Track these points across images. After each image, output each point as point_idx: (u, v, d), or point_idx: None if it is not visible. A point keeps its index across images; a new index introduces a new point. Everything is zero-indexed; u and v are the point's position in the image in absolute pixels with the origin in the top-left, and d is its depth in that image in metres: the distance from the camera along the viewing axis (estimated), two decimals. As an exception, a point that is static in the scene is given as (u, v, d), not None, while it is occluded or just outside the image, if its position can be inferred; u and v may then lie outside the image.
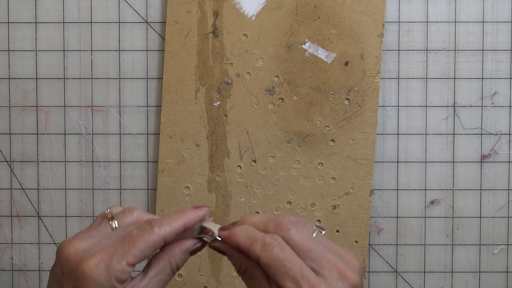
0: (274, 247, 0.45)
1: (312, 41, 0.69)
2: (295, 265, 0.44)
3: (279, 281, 0.44)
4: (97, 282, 0.43)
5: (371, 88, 0.69)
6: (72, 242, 0.45)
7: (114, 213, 0.48)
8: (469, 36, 0.71)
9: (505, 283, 0.72)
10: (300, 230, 0.46)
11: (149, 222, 0.46)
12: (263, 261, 0.45)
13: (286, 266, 0.44)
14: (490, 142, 0.72)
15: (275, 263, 0.44)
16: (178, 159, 0.70)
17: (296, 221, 0.47)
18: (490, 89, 0.71)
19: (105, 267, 0.43)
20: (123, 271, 0.44)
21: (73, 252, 0.44)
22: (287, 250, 0.45)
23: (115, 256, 0.44)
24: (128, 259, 0.44)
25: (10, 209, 0.73)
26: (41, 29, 0.72)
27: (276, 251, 0.44)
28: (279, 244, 0.45)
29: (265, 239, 0.45)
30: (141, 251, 0.45)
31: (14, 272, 0.73)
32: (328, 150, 0.70)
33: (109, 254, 0.44)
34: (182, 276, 0.71)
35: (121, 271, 0.44)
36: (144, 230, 0.45)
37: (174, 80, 0.70)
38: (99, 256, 0.43)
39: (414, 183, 0.72)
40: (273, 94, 0.70)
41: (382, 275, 0.72)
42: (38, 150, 0.72)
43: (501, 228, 0.72)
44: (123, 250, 0.44)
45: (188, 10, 0.70)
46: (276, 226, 0.46)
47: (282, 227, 0.46)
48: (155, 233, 0.45)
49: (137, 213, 0.48)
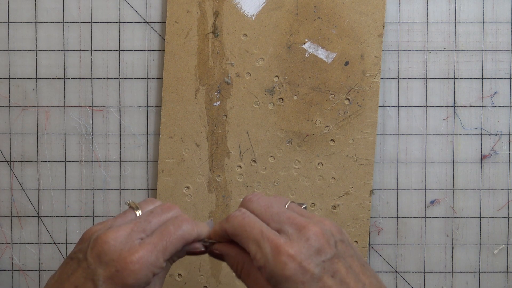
0: (236, 216, 0.47)
1: (312, 41, 0.69)
2: (255, 228, 0.46)
3: (244, 246, 0.46)
4: (137, 276, 0.45)
5: (371, 88, 0.69)
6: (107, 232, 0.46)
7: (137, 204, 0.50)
8: (469, 36, 0.71)
9: (505, 283, 0.72)
10: (262, 199, 0.49)
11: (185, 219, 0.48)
12: (229, 232, 0.47)
13: (247, 231, 0.46)
14: (490, 142, 0.72)
15: (237, 230, 0.46)
16: (178, 159, 0.70)
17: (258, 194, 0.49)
18: (490, 89, 0.71)
19: (146, 263, 0.45)
20: (160, 266, 0.46)
21: (112, 242, 0.45)
22: (248, 217, 0.47)
23: (154, 252, 0.45)
24: (165, 256, 0.46)
25: (10, 209, 0.73)
26: (41, 29, 0.72)
27: (238, 219, 0.47)
28: (242, 214, 0.47)
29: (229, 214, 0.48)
30: (176, 248, 0.47)
31: (14, 272, 0.73)
32: (328, 150, 0.70)
33: (150, 250, 0.45)
34: (182, 276, 0.71)
35: (158, 266, 0.46)
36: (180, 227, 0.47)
37: (174, 80, 0.70)
38: (141, 251, 0.45)
39: (414, 183, 0.72)
40: (273, 94, 0.70)
41: (382, 275, 0.72)
42: (38, 150, 0.72)
43: (501, 228, 0.72)
44: (161, 246, 0.46)
45: (188, 10, 0.70)
46: (243, 202, 0.49)
47: (246, 201, 0.49)
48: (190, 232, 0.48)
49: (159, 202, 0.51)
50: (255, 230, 0.45)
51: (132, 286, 0.45)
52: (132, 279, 0.44)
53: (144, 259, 0.45)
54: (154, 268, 0.45)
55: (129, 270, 0.44)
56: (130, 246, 0.45)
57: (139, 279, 0.45)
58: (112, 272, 0.44)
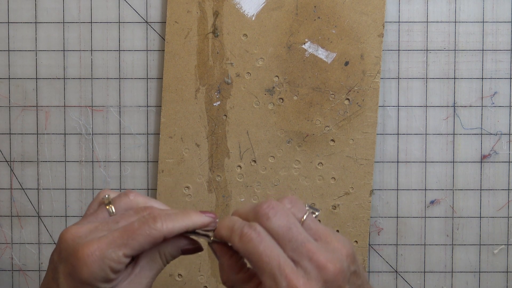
0: (251, 239, 0.43)
1: (312, 41, 0.69)
2: (272, 259, 0.43)
3: (257, 272, 0.43)
4: (90, 270, 0.43)
5: (371, 88, 0.69)
6: (70, 228, 0.45)
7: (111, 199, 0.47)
8: (469, 36, 0.71)
9: (505, 283, 0.72)
10: (280, 218, 0.44)
11: (153, 216, 0.45)
12: (242, 253, 0.44)
13: (264, 261, 0.43)
14: (490, 142, 0.72)
15: (253, 257, 0.43)
16: (178, 159, 0.70)
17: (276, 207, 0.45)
18: (490, 89, 0.71)
19: (100, 256, 0.43)
20: (118, 261, 0.43)
21: (71, 238, 0.44)
22: (265, 242, 0.43)
23: (112, 246, 0.43)
24: (125, 250, 0.44)
25: (10, 209, 0.73)
26: (41, 29, 0.72)
27: (253, 244, 0.43)
28: (257, 235, 0.44)
29: (242, 229, 0.44)
30: (140, 244, 0.44)
31: (14, 272, 0.73)
32: (328, 150, 0.70)
33: (106, 243, 0.43)
34: (182, 276, 0.71)
35: (116, 261, 0.43)
36: (146, 224, 0.44)
37: (174, 80, 0.70)
38: (95, 244, 0.43)
39: (414, 183, 0.72)
40: (273, 94, 0.70)
41: (382, 275, 0.72)
42: (38, 150, 0.72)
43: (501, 228, 0.72)
44: (121, 241, 0.44)
45: (188, 10, 0.70)
46: (255, 215, 0.45)
47: (261, 215, 0.45)
48: (156, 228, 0.45)
49: (133, 195, 0.48)
50: (272, 261, 0.43)
51: (88, 281, 0.43)
52: (86, 273, 0.43)
53: (98, 252, 0.43)
54: (111, 262, 0.43)
55: (82, 263, 0.43)
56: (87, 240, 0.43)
57: (93, 273, 0.43)
58: (69, 268, 0.43)
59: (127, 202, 0.47)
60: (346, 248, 0.45)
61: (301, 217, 0.46)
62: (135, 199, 0.48)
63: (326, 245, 0.45)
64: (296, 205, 0.47)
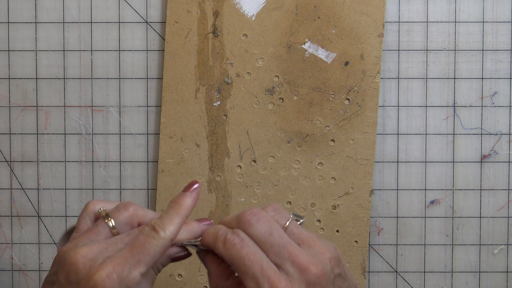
0: (234, 244, 0.44)
1: (312, 41, 0.69)
2: (255, 263, 0.43)
3: (241, 277, 0.44)
4: None
5: (371, 88, 0.69)
6: (77, 250, 0.44)
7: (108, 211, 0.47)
8: (469, 36, 0.71)
9: (505, 283, 0.72)
10: (263, 224, 0.45)
11: (152, 227, 0.45)
12: (226, 259, 0.45)
13: (246, 265, 0.43)
14: (490, 142, 0.72)
15: (236, 261, 0.44)
16: (178, 159, 0.70)
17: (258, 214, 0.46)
18: (490, 89, 0.71)
19: (118, 278, 0.43)
20: (136, 282, 0.44)
21: (81, 260, 0.43)
22: (247, 247, 0.44)
23: (126, 265, 0.43)
24: (141, 268, 0.44)
25: (10, 209, 0.73)
26: (41, 29, 0.72)
27: (236, 249, 0.44)
28: (240, 240, 0.44)
29: (226, 235, 0.45)
30: (152, 258, 0.44)
31: (14, 272, 0.73)
32: (328, 150, 0.70)
33: (120, 264, 0.43)
34: (182, 276, 0.71)
35: (134, 282, 0.43)
36: (150, 236, 0.45)
37: (174, 80, 0.70)
38: (110, 266, 0.43)
39: (414, 183, 0.72)
40: (273, 94, 0.70)
41: (382, 275, 0.72)
42: (38, 150, 0.72)
43: (501, 228, 0.72)
44: (134, 260, 0.44)
45: (188, 10, 0.70)
46: (238, 222, 0.46)
47: (243, 222, 0.45)
48: (162, 237, 0.45)
49: (133, 208, 0.47)
50: (255, 265, 0.43)
51: None
52: None
53: (115, 275, 0.43)
54: (128, 283, 0.43)
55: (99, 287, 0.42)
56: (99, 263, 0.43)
57: None
58: None
59: (127, 216, 0.47)
60: (329, 252, 0.45)
61: (284, 224, 0.46)
62: (134, 212, 0.47)
63: (309, 248, 0.45)
64: (279, 213, 0.47)
